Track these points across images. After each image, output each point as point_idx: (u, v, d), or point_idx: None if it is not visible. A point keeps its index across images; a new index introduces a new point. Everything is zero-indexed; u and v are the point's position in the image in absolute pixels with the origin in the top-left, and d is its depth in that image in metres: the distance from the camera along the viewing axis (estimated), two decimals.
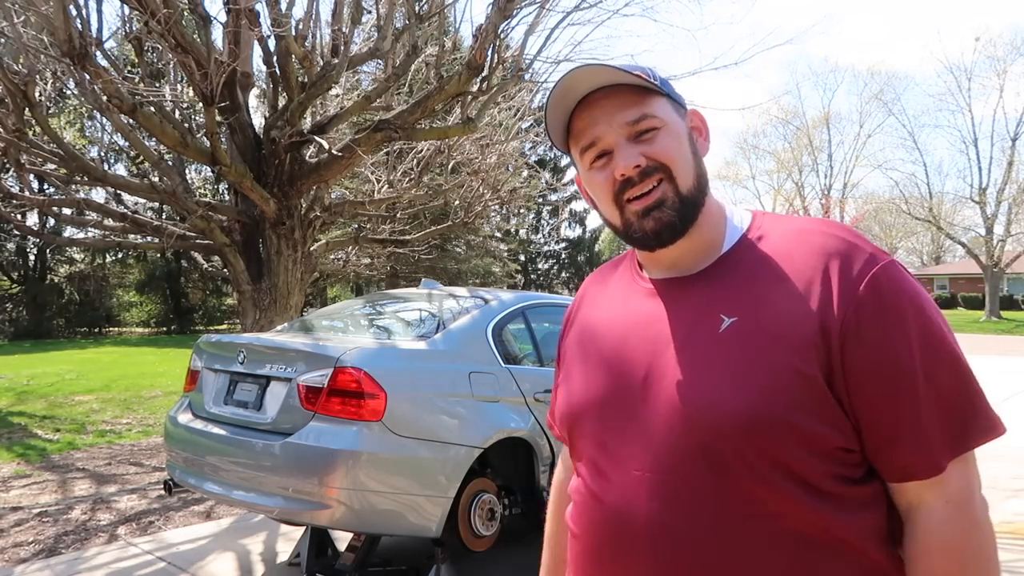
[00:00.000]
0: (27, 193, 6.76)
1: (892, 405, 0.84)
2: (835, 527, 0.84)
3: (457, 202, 8.97)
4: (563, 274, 39.14)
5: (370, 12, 6.90)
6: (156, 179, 6.61)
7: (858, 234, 0.93)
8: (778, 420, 0.83)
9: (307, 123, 6.40)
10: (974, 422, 0.85)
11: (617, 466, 0.93)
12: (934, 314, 0.87)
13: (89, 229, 8.42)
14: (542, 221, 37.61)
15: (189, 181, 7.84)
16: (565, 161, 36.30)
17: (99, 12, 10.21)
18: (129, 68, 8.90)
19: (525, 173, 11.64)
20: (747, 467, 0.84)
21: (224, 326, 27.64)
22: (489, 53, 5.59)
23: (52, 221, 10.25)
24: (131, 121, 5.62)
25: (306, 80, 5.85)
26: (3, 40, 5.56)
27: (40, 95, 5.66)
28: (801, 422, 0.83)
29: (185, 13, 5.72)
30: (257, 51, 6.53)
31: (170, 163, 6.84)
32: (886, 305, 0.84)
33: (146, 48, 6.07)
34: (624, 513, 0.91)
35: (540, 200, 30.40)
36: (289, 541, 4.13)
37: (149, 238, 7.29)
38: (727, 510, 0.85)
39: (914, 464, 0.84)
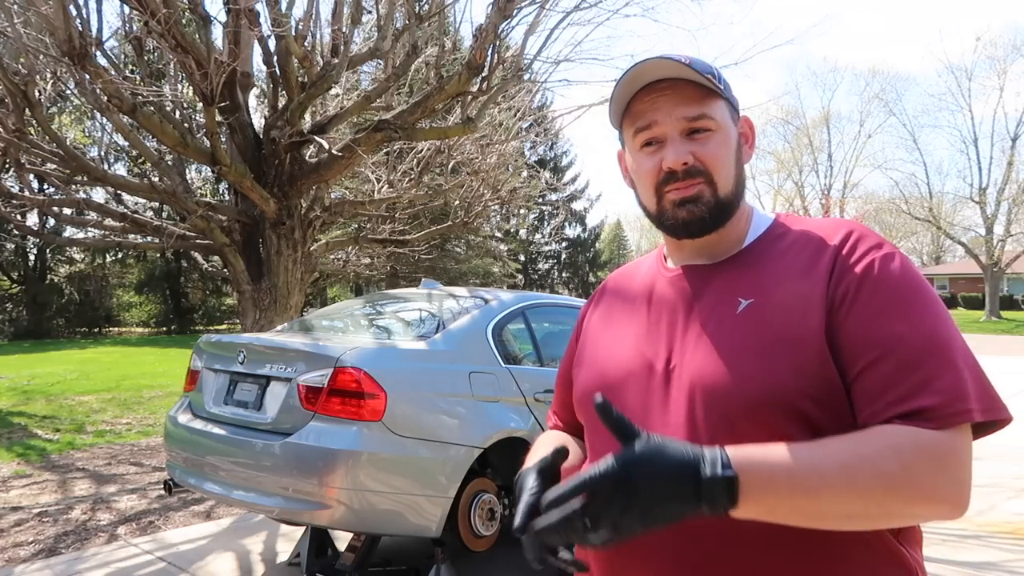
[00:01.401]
0: (27, 193, 6.75)
1: (867, 374, 0.84)
2: None
3: (457, 202, 8.96)
4: (563, 274, 39.15)
5: (370, 12, 6.90)
6: (156, 179, 6.60)
7: (872, 230, 0.97)
8: (796, 393, 0.85)
9: (307, 123, 6.39)
10: (949, 402, 0.81)
11: None
12: (931, 302, 0.88)
13: (89, 229, 8.40)
14: (543, 221, 37.58)
15: (189, 181, 7.84)
16: (565, 161, 36.32)
17: (99, 12, 10.22)
18: (129, 69, 8.90)
19: (525, 173, 11.62)
20: (766, 439, 0.84)
21: (224, 326, 27.65)
22: (489, 53, 5.58)
23: (52, 221, 10.24)
24: (131, 121, 5.62)
25: (306, 80, 5.85)
26: (3, 40, 5.56)
27: (40, 95, 5.65)
28: (819, 395, 0.85)
29: (185, 13, 5.72)
30: (257, 51, 6.52)
31: (170, 163, 6.84)
32: (876, 285, 0.87)
33: (146, 48, 6.07)
34: None
35: (540, 200, 30.38)
36: (289, 541, 4.13)
37: (149, 238, 7.29)
38: None
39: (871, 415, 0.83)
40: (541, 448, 1.11)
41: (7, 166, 7.25)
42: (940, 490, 0.79)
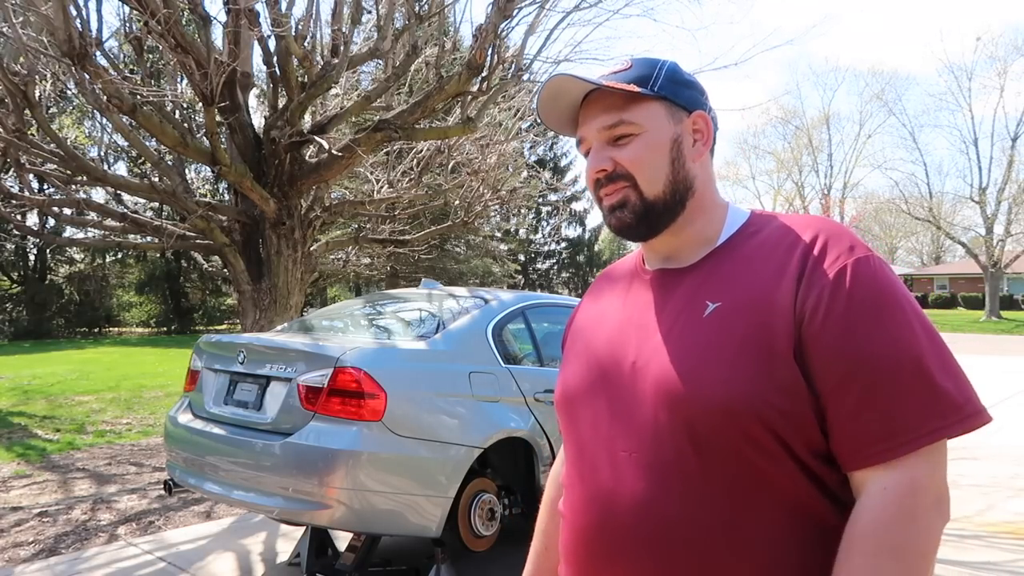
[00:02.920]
0: (27, 193, 6.75)
1: (839, 393, 0.84)
2: (818, 506, 0.86)
3: (457, 202, 8.96)
4: (563, 274, 39.12)
5: (370, 12, 6.90)
6: (156, 179, 6.61)
7: (845, 228, 0.95)
8: (756, 400, 0.85)
9: (307, 123, 6.40)
10: (921, 422, 0.82)
11: (604, 448, 0.96)
12: (903, 312, 0.86)
13: (89, 229, 8.41)
14: (542, 221, 37.57)
15: (189, 181, 7.83)
16: (565, 161, 36.33)
17: (99, 12, 10.23)
18: (130, 69, 8.90)
19: (525, 173, 11.63)
20: (728, 446, 0.86)
21: (224, 326, 27.64)
22: (489, 53, 5.58)
23: (52, 221, 10.25)
24: (131, 121, 5.62)
25: (306, 80, 5.85)
26: (3, 40, 5.56)
27: (40, 95, 5.65)
28: (779, 403, 0.85)
29: (185, 13, 5.72)
30: (257, 51, 6.52)
31: (170, 163, 6.84)
32: (849, 296, 0.86)
33: (146, 48, 6.07)
34: (611, 492, 0.93)
35: (540, 200, 30.38)
36: (289, 541, 4.13)
37: (149, 238, 7.29)
38: (710, 488, 0.87)
39: (856, 451, 0.84)
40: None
41: (7, 166, 7.24)
42: (940, 518, 0.84)
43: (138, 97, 5.28)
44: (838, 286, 0.86)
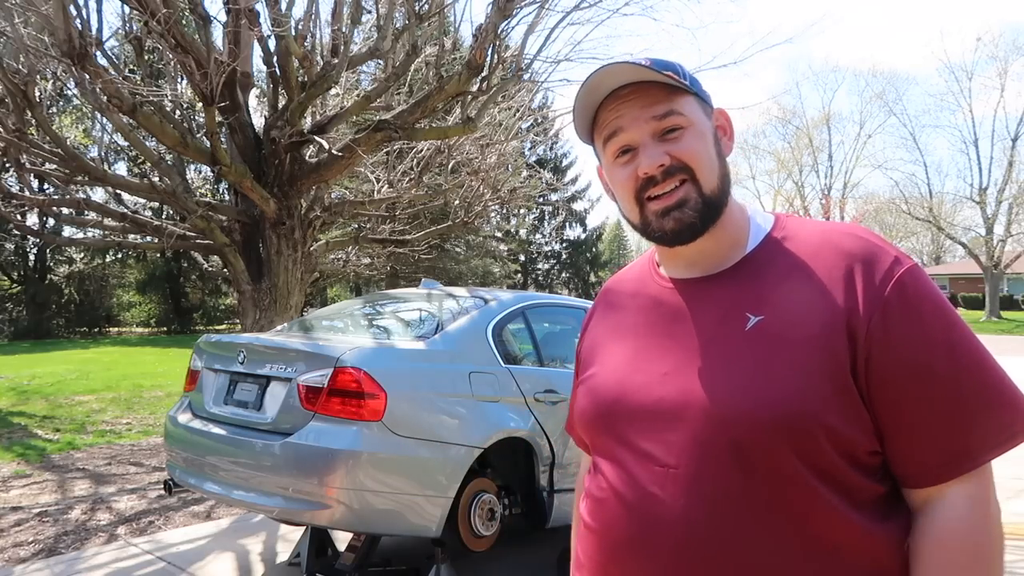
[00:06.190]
0: (27, 193, 6.75)
1: (919, 407, 0.84)
2: (857, 529, 0.85)
3: (457, 202, 8.97)
4: (563, 274, 39.13)
5: (370, 12, 6.90)
6: (156, 179, 6.61)
7: (881, 237, 0.94)
8: (808, 418, 0.83)
9: (307, 123, 6.39)
10: (999, 431, 0.84)
11: (640, 462, 0.93)
12: (958, 318, 0.87)
13: (89, 229, 8.41)
14: (543, 221, 37.57)
15: (189, 181, 7.83)
16: (565, 161, 36.29)
17: (99, 12, 10.23)
18: (129, 69, 8.90)
19: (525, 173, 11.63)
20: (775, 464, 0.84)
21: (224, 326, 27.64)
22: (489, 53, 5.59)
23: (52, 221, 10.25)
24: (131, 121, 5.62)
25: (306, 80, 5.85)
26: (3, 40, 5.56)
27: (40, 95, 5.66)
28: (831, 421, 0.83)
29: (185, 13, 5.72)
30: (257, 51, 6.53)
31: (170, 163, 6.84)
32: (912, 307, 0.85)
33: (146, 48, 6.07)
34: (647, 509, 0.90)
35: (540, 200, 30.38)
36: (289, 541, 4.13)
37: (149, 238, 7.29)
38: (753, 507, 0.85)
39: (938, 467, 0.85)
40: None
41: (7, 166, 7.24)
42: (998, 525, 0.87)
43: (138, 97, 5.28)
44: (892, 303, 0.85)
